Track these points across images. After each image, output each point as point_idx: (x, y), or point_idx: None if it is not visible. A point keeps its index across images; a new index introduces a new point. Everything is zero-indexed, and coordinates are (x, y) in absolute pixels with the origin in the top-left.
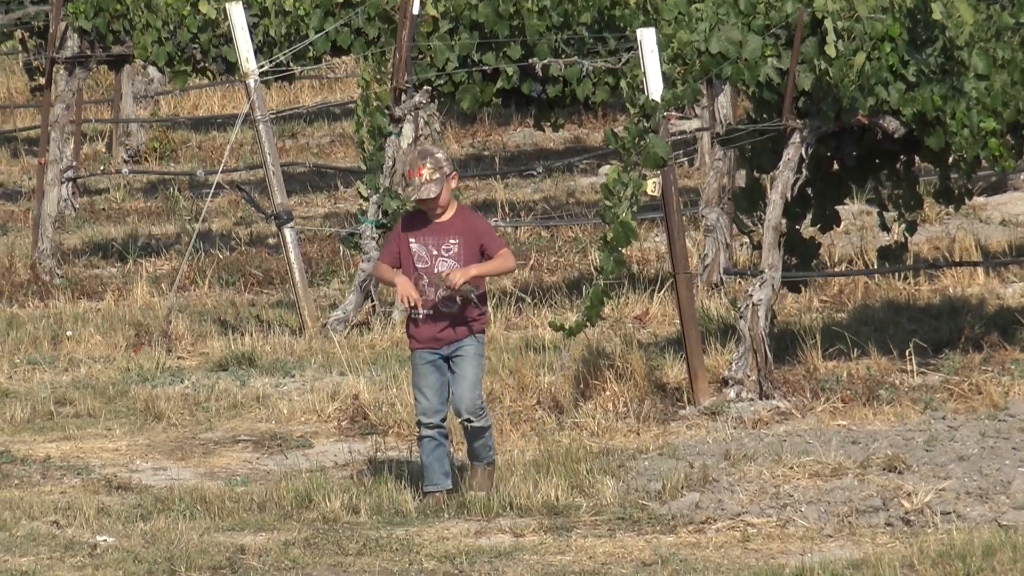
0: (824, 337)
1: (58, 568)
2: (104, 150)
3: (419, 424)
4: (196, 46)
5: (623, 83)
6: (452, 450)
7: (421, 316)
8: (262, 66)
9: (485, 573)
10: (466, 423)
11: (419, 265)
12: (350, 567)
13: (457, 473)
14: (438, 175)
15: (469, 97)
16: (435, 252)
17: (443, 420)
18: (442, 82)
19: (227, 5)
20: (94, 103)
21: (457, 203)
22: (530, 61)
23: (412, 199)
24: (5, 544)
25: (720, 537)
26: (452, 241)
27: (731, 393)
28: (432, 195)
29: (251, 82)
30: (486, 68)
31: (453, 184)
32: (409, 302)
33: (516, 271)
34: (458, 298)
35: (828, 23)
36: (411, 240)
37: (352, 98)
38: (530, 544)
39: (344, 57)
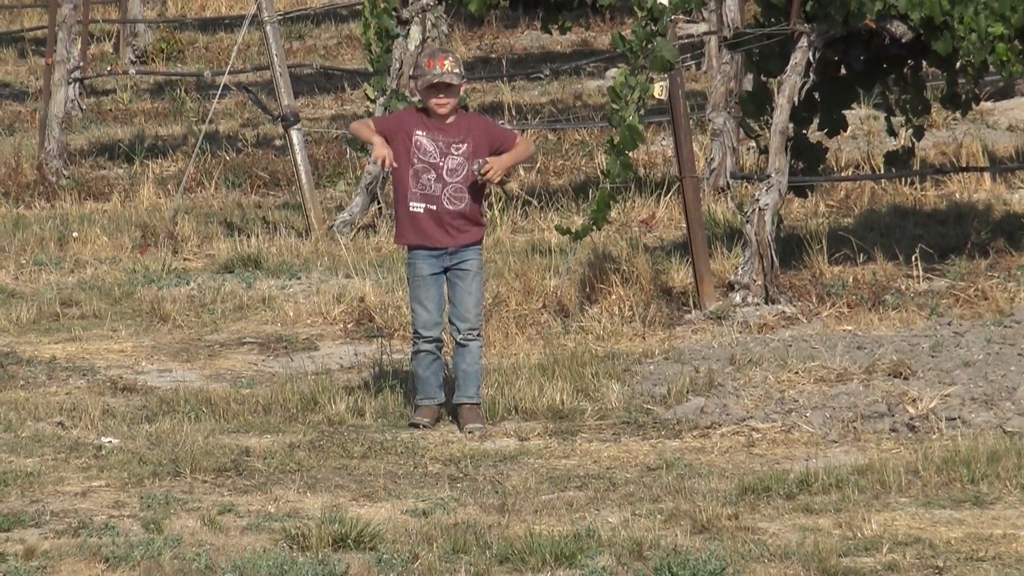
0: (830, 242)
1: (63, 469)
2: (111, 51)
3: (417, 337)
4: None
5: None
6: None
7: (421, 211)
8: None
9: (490, 476)
10: (465, 340)
11: (424, 158)
12: (355, 470)
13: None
14: (458, 70)
15: None
16: (444, 149)
17: (441, 332)
18: None
19: None
20: (101, 3)
21: (461, 110)
22: None
23: (430, 83)
24: (10, 445)
25: (725, 442)
26: (462, 139)
27: (737, 297)
28: (454, 82)
29: None
30: None
31: (462, 91)
32: (383, 164)
33: (534, 156)
34: (467, 195)
35: None
36: (418, 131)
37: (360, 0)
38: (535, 448)
39: None
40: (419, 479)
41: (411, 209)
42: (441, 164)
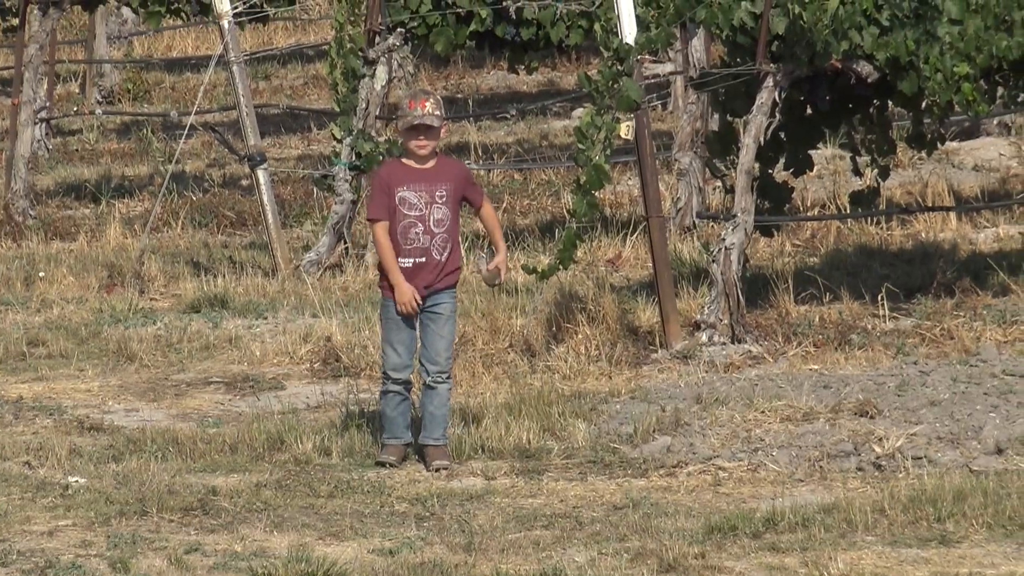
0: (796, 281)
1: (30, 508)
2: (78, 91)
3: (386, 378)
4: None
5: (597, 26)
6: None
7: (410, 266)
8: (236, 7)
9: (456, 515)
10: (435, 382)
11: (411, 213)
12: (322, 509)
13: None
14: (439, 112)
15: (443, 39)
16: (428, 199)
17: (410, 375)
18: (416, 24)
19: None
20: (68, 44)
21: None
22: (504, 3)
23: (411, 124)
24: None
25: (691, 481)
26: (444, 187)
27: (703, 337)
28: (435, 124)
29: (225, 23)
30: (460, 10)
31: (443, 133)
32: (408, 309)
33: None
34: (450, 243)
35: None
36: (400, 189)
37: (326, 40)
38: (502, 487)
39: None
40: (386, 518)
41: (401, 266)
42: (427, 216)
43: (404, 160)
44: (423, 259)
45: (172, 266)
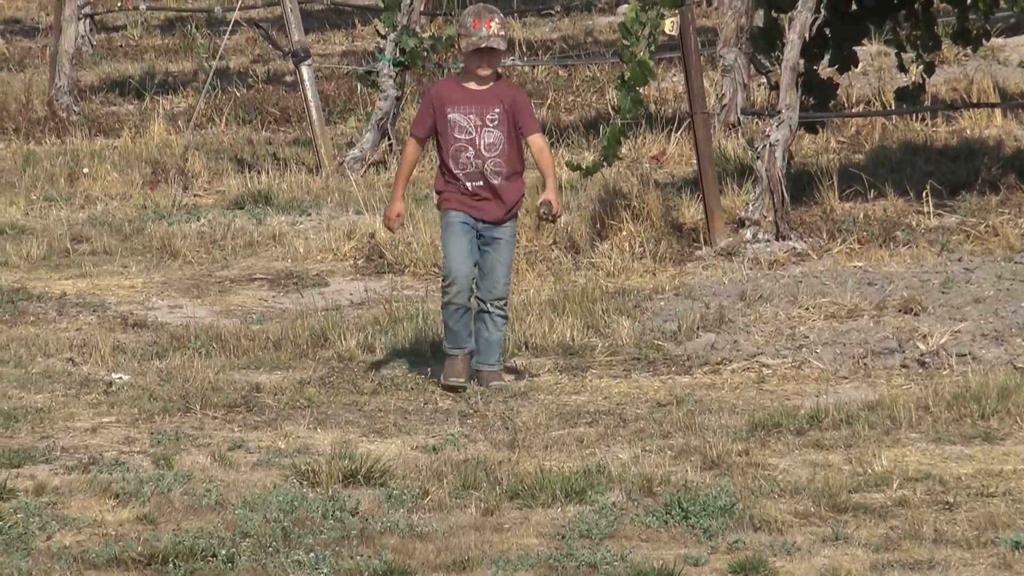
0: (841, 178)
1: (73, 405)
2: None
3: (447, 286)
4: None
5: None
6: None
7: (470, 189)
8: None
9: (500, 412)
10: (493, 308)
11: (461, 136)
12: (365, 405)
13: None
14: (504, 32)
15: None
16: (479, 122)
17: (472, 283)
18: None
19: None
20: None
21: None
22: None
23: (477, 47)
24: (21, 381)
25: (735, 378)
26: (496, 110)
27: (747, 234)
28: (500, 47)
29: None
30: None
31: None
32: (388, 227)
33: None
34: (504, 166)
35: None
36: (449, 110)
37: None
38: (545, 384)
39: None
40: (429, 415)
41: (467, 187)
42: (478, 140)
43: (459, 79)
44: (480, 183)
45: (216, 162)
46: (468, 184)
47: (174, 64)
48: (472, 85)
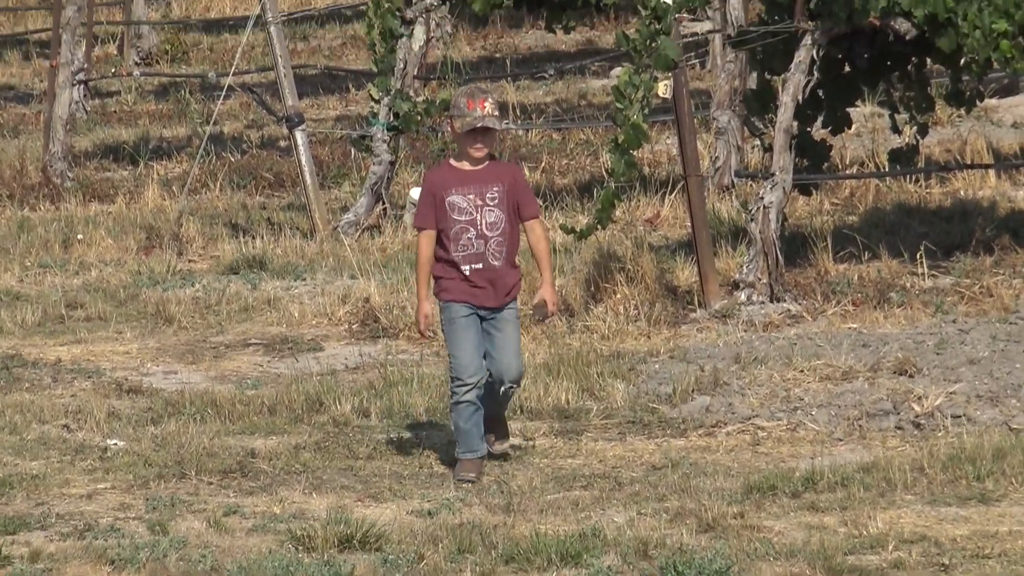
0: (835, 240)
1: (68, 471)
2: (115, 52)
3: (458, 386)
4: None
5: None
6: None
7: (468, 272)
8: None
9: (495, 476)
10: (510, 389)
11: (461, 218)
12: (360, 470)
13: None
14: (497, 112)
15: None
16: (479, 202)
17: (482, 380)
18: None
19: None
20: (106, 5)
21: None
22: None
23: (472, 127)
24: (16, 448)
25: (730, 440)
26: (496, 188)
27: (742, 296)
28: (495, 126)
29: None
30: None
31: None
32: (419, 329)
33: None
34: (506, 247)
35: None
36: (447, 194)
37: (364, 0)
38: (540, 448)
39: None
40: (424, 479)
41: (465, 271)
42: (479, 220)
43: (453, 162)
44: (480, 265)
45: (210, 227)
46: (468, 267)
47: (168, 129)
48: (467, 166)
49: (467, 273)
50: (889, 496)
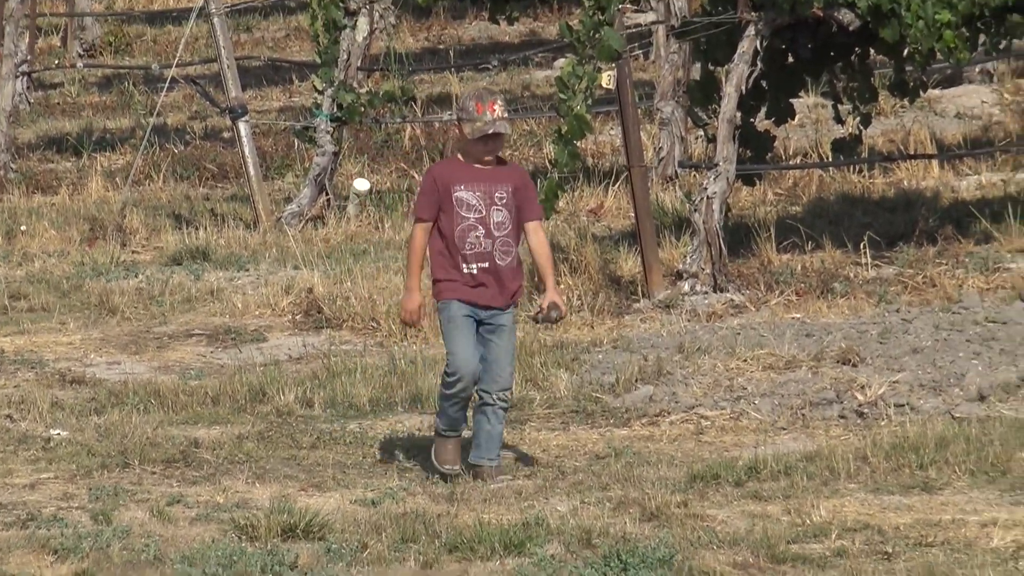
0: (778, 230)
1: (11, 461)
2: (59, 44)
3: (452, 381)
4: None
5: None
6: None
7: (475, 271)
8: None
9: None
10: (498, 399)
11: (469, 215)
12: (304, 460)
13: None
14: (507, 114)
15: None
16: (488, 200)
17: (476, 381)
18: None
19: None
20: None
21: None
22: None
23: (485, 132)
24: None
25: (674, 430)
26: (504, 189)
27: (685, 286)
28: (506, 131)
29: None
30: None
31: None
32: (408, 320)
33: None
34: (513, 247)
35: None
36: (456, 188)
37: None
38: None
39: None
40: (368, 469)
41: (466, 271)
42: (488, 218)
43: (459, 157)
44: (486, 264)
45: (154, 219)
46: (473, 267)
47: (112, 121)
48: (476, 164)
49: (473, 272)
50: (832, 485)
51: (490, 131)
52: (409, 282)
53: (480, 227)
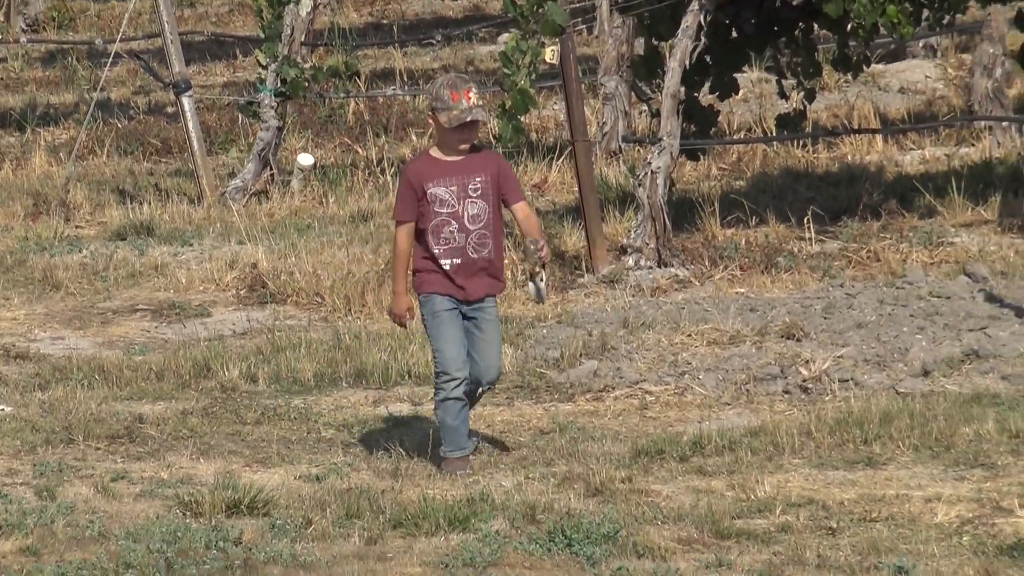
0: (722, 205)
1: None
2: (2, 19)
3: (444, 382)
4: None
5: None
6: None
7: (448, 267)
8: None
9: (383, 441)
10: (487, 389)
11: (442, 210)
12: (248, 435)
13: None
14: (482, 103)
15: None
16: (461, 193)
17: (468, 374)
18: None
19: None
20: None
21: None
22: None
23: (462, 121)
24: None
25: (618, 405)
26: (478, 179)
27: (629, 261)
28: (482, 119)
29: None
30: None
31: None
32: (396, 321)
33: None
34: (490, 241)
35: None
36: (429, 185)
37: None
38: (427, 412)
39: None
40: (312, 445)
41: (444, 265)
42: (461, 212)
43: (433, 153)
44: (459, 259)
45: (98, 194)
46: (448, 262)
47: (55, 96)
48: (449, 157)
49: (447, 268)
50: (776, 460)
51: (467, 119)
52: (396, 286)
53: (453, 222)
